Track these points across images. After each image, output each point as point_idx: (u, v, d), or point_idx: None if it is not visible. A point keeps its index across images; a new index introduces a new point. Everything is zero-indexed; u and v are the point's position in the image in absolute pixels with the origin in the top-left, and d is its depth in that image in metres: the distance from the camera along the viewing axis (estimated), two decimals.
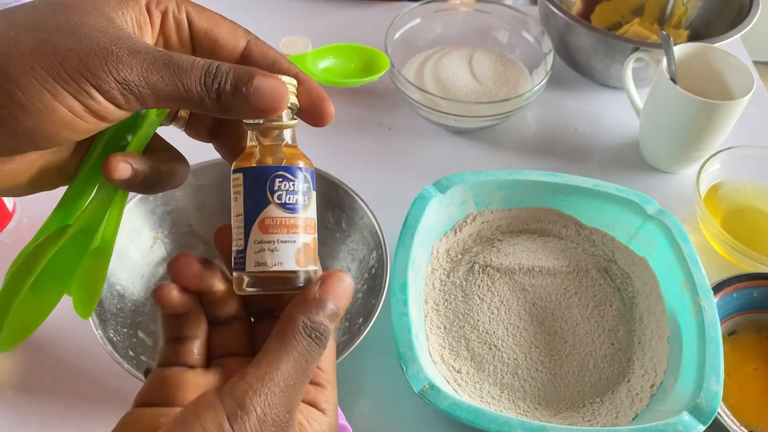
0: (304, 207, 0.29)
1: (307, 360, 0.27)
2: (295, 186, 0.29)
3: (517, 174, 0.62)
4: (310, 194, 0.29)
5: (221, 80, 0.27)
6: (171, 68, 0.26)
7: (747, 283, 0.59)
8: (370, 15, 0.92)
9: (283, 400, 0.26)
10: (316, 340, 0.27)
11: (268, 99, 0.28)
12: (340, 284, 0.28)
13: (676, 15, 0.87)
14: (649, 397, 0.52)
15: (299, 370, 0.27)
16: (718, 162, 0.69)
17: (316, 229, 0.30)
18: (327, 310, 0.28)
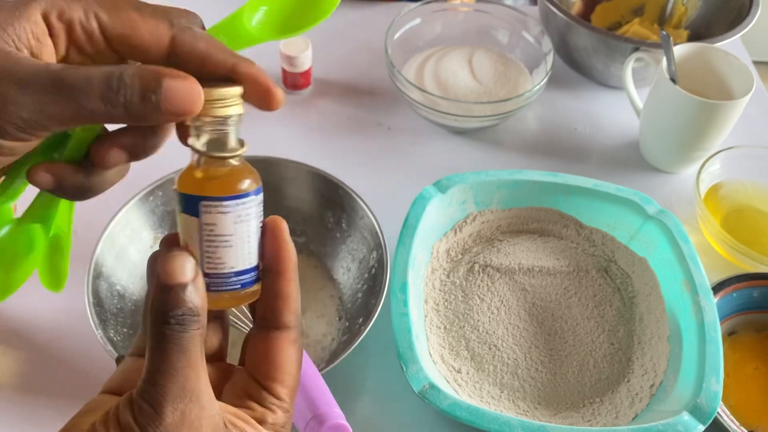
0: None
1: (172, 347, 0.26)
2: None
3: (517, 174, 0.62)
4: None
5: (126, 92, 0.26)
6: (64, 92, 0.25)
7: (747, 283, 0.59)
8: (370, 15, 0.92)
9: (161, 390, 0.25)
10: (168, 323, 0.26)
11: (180, 102, 0.26)
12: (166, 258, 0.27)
13: (676, 15, 0.87)
14: (649, 397, 0.52)
15: (168, 358, 0.26)
16: (718, 162, 0.69)
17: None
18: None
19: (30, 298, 0.59)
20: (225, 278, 0.28)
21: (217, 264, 0.28)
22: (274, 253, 0.29)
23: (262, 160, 0.60)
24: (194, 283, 0.27)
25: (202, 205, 0.27)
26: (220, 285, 0.28)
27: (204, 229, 0.28)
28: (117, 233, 0.55)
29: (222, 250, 0.28)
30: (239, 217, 0.28)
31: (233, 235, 0.28)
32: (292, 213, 0.63)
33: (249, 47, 0.31)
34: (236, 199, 0.28)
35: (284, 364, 0.30)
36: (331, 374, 0.47)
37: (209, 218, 0.28)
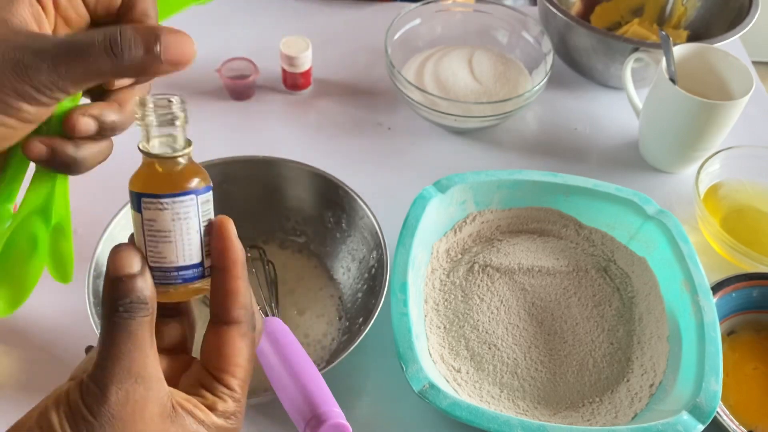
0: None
1: (120, 333, 0.28)
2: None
3: (517, 174, 0.62)
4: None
5: (130, 45, 0.29)
6: (73, 53, 0.29)
7: (746, 283, 0.59)
8: (370, 15, 0.92)
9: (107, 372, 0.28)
10: (118, 310, 0.28)
11: (178, 52, 0.31)
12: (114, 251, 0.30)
13: (676, 15, 0.87)
14: (649, 397, 0.52)
15: (116, 343, 0.28)
16: (718, 162, 0.69)
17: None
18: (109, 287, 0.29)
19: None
20: (167, 272, 0.30)
21: (158, 258, 0.30)
22: (219, 251, 0.31)
23: (262, 160, 0.60)
24: (142, 275, 0.29)
25: (142, 202, 0.30)
26: (163, 278, 0.30)
27: (145, 224, 0.30)
28: (117, 233, 0.55)
29: (162, 245, 0.30)
30: (177, 214, 0.30)
31: (172, 231, 0.30)
32: (292, 213, 0.63)
33: (177, 12, 0.36)
34: (173, 197, 0.29)
35: (233, 356, 0.31)
36: (331, 374, 0.47)
37: (148, 214, 0.30)
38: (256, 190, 0.62)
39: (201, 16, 0.91)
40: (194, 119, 0.42)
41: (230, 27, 0.89)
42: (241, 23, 0.90)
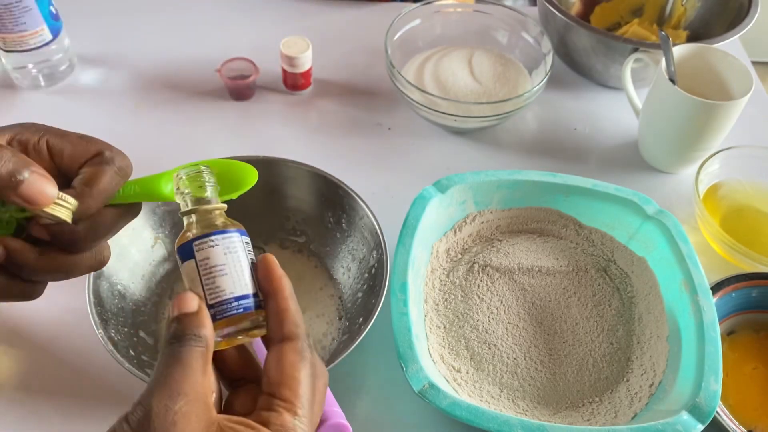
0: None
1: (171, 361, 0.30)
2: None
3: (517, 174, 0.62)
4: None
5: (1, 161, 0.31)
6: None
7: (746, 283, 0.59)
8: (370, 15, 0.93)
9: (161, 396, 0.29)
10: (172, 342, 0.31)
11: (33, 192, 0.32)
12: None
13: (676, 15, 0.88)
14: (648, 397, 0.52)
15: (166, 370, 0.30)
16: (717, 162, 0.69)
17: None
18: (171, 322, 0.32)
19: None
20: (227, 303, 0.33)
21: (217, 292, 0.33)
22: (267, 277, 0.34)
23: (262, 160, 0.60)
24: (198, 313, 0.32)
25: (194, 245, 0.33)
26: (224, 311, 0.33)
27: (200, 265, 0.33)
28: (119, 234, 0.55)
29: (219, 278, 0.33)
30: (227, 248, 0.33)
31: (226, 264, 0.33)
32: (292, 213, 0.63)
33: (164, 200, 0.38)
34: (221, 234, 0.34)
35: (287, 368, 0.32)
36: (331, 374, 0.47)
37: (202, 254, 0.33)
38: (256, 190, 0.61)
39: (201, 16, 0.91)
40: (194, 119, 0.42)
41: (230, 27, 0.89)
42: (241, 23, 0.90)
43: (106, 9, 0.90)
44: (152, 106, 0.78)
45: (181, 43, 0.85)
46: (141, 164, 0.43)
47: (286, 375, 0.32)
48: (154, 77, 0.81)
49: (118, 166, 0.35)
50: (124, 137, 0.73)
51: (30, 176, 0.31)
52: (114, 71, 0.81)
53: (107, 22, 0.88)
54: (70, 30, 0.79)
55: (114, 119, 0.75)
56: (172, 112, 0.77)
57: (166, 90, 0.79)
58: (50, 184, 0.32)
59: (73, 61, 0.80)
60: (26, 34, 0.72)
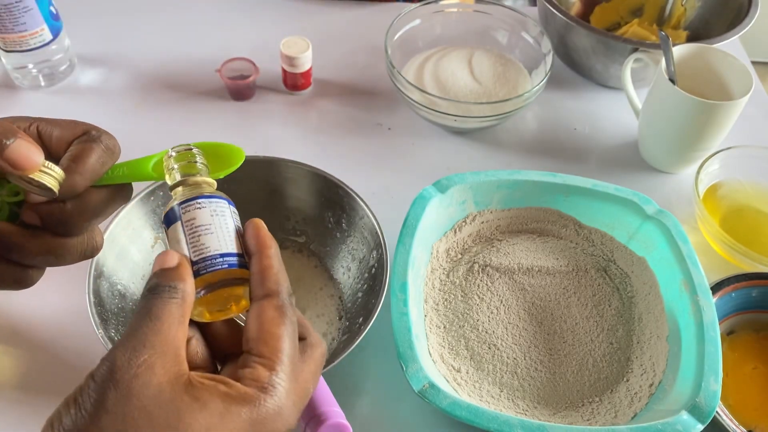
0: None
1: (144, 312, 0.30)
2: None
3: (517, 174, 0.62)
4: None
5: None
6: None
7: (746, 283, 0.59)
8: (370, 15, 0.93)
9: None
10: (146, 294, 0.31)
11: (20, 156, 0.32)
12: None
13: (675, 16, 0.88)
14: (648, 397, 0.52)
15: (137, 321, 0.30)
16: (717, 162, 0.69)
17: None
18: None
19: (31, 298, 0.59)
20: (211, 259, 0.33)
21: (202, 249, 0.33)
22: (253, 238, 0.34)
23: (262, 160, 0.60)
24: (177, 267, 0.31)
25: (180, 208, 0.33)
26: (208, 266, 0.32)
27: (186, 226, 0.33)
28: (118, 233, 0.55)
29: (204, 236, 0.33)
30: (214, 210, 0.34)
31: (212, 224, 0.33)
32: (292, 213, 0.63)
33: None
34: (209, 198, 0.34)
35: (265, 324, 0.31)
36: (331, 374, 0.47)
37: (188, 215, 0.33)
38: (256, 190, 0.62)
39: (201, 16, 0.91)
40: (194, 119, 0.42)
41: (230, 27, 0.89)
42: (242, 23, 0.90)
43: (106, 9, 0.90)
44: (152, 106, 0.78)
45: (181, 43, 0.85)
46: None
47: (263, 330, 0.31)
48: (154, 77, 0.81)
49: (105, 144, 0.35)
50: (125, 137, 0.73)
51: (16, 141, 0.32)
52: (114, 71, 0.81)
53: (107, 22, 0.88)
54: (70, 30, 0.79)
55: (114, 119, 0.75)
56: (172, 112, 0.77)
57: (166, 90, 0.79)
58: (36, 150, 0.33)
59: (73, 61, 0.80)
60: (26, 34, 0.72)
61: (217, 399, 0.28)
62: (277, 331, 0.31)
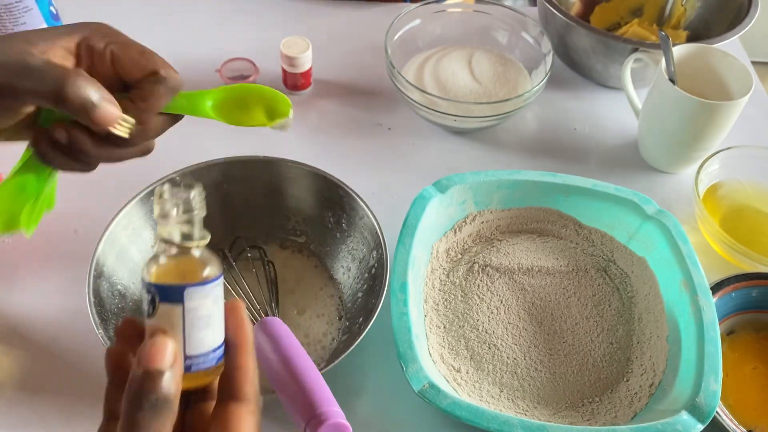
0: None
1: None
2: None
3: (517, 174, 0.62)
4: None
5: (77, 92, 0.35)
6: (27, 73, 0.35)
7: (746, 283, 0.59)
8: (370, 15, 0.93)
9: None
10: (133, 410, 0.28)
11: (104, 117, 0.36)
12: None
13: (675, 16, 0.88)
14: (648, 397, 0.52)
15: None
16: (717, 162, 0.69)
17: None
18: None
19: (31, 297, 0.60)
20: (205, 356, 0.31)
21: (199, 345, 0.30)
22: (235, 329, 0.32)
23: (262, 160, 0.60)
24: (172, 369, 0.28)
25: (186, 292, 0.29)
26: (201, 363, 0.30)
27: (187, 314, 0.29)
28: (118, 233, 0.55)
29: (204, 330, 0.30)
30: (216, 297, 0.30)
31: (212, 316, 0.30)
32: (292, 213, 0.63)
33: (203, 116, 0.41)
34: (215, 282, 0.30)
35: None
36: (331, 374, 0.47)
37: (192, 303, 0.29)
38: (256, 190, 0.62)
39: (201, 16, 0.91)
40: (194, 119, 0.42)
41: (230, 27, 0.89)
42: (242, 24, 0.90)
43: (106, 9, 0.90)
44: None
45: (181, 43, 0.85)
46: (141, 164, 0.43)
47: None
48: None
49: (171, 86, 0.38)
50: None
51: (101, 103, 0.36)
52: None
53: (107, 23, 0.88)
54: None
55: None
56: None
57: None
58: (116, 108, 0.36)
59: None
60: None
61: None
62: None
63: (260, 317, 0.50)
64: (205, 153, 0.61)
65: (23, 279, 0.61)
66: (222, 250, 0.60)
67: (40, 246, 0.63)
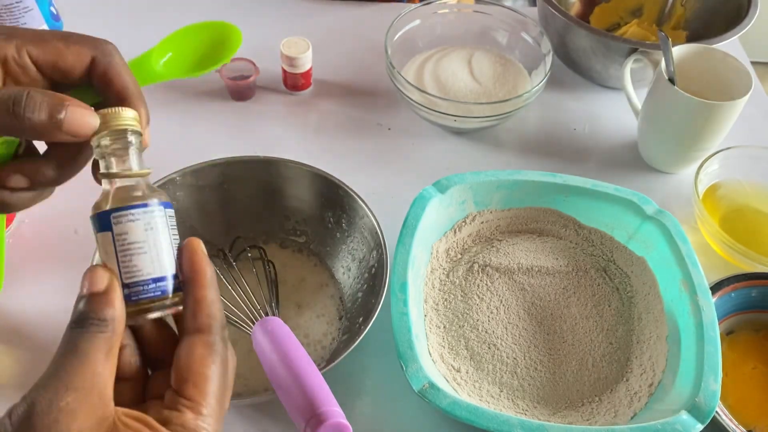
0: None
1: (70, 348, 0.29)
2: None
3: (517, 174, 0.62)
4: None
5: (33, 109, 0.31)
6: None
7: (745, 283, 0.59)
8: (370, 15, 0.93)
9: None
10: (72, 326, 0.29)
11: (78, 125, 0.31)
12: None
13: (675, 16, 0.88)
14: (648, 396, 0.52)
15: (63, 358, 0.29)
16: (717, 162, 0.69)
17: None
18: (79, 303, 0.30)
19: (31, 297, 0.60)
20: (143, 285, 0.31)
21: (134, 272, 0.30)
22: (188, 263, 0.32)
23: (262, 160, 0.60)
24: (108, 293, 0.29)
25: (112, 217, 0.31)
26: (141, 293, 0.31)
27: (117, 240, 0.30)
28: None
29: (137, 257, 0.30)
30: (148, 224, 0.31)
31: (146, 242, 0.31)
32: (292, 213, 0.63)
33: (157, 82, 0.38)
34: (143, 207, 0.31)
35: (195, 364, 0.30)
36: (331, 373, 0.47)
37: (120, 228, 0.31)
38: (256, 190, 0.62)
39: (202, 16, 0.91)
40: (195, 119, 0.42)
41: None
42: (242, 24, 0.89)
43: (106, 9, 0.90)
44: (152, 106, 0.77)
45: None
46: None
47: (193, 372, 0.30)
48: None
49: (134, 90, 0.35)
50: None
51: (68, 111, 0.31)
52: None
53: (107, 23, 0.88)
54: (70, 30, 0.79)
55: None
56: (172, 112, 0.77)
57: (167, 90, 0.79)
58: (88, 112, 0.32)
59: None
60: None
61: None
62: (206, 371, 0.30)
63: (260, 317, 0.50)
64: (205, 153, 0.61)
65: (23, 279, 0.61)
66: (222, 250, 0.60)
67: (40, 246, 0.63)
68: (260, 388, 0.54)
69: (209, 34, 0.37)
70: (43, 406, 0.27)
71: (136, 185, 0.32)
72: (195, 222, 0.61)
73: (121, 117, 0.32)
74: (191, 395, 0.30)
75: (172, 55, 0.36)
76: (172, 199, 0.59)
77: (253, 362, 0.55)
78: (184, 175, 0.58)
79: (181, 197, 0.59)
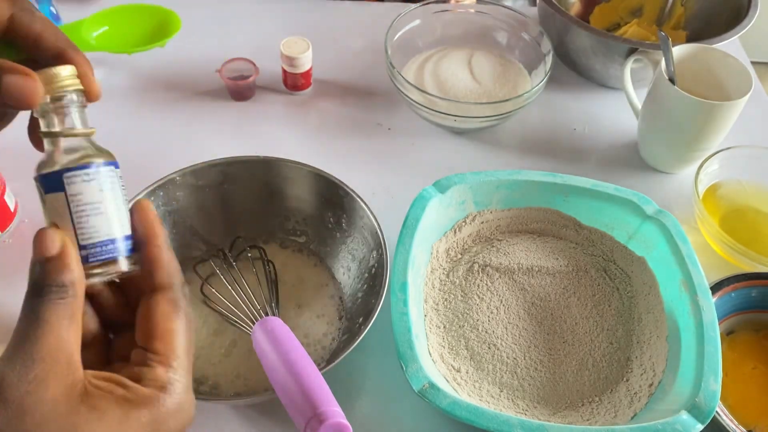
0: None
1: (31, 316, 0.28)
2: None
3: (517, 174, 0.62)
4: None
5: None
6: None
7: (745, 283, 0.59)
8: (370, 15, 0.93)
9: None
10: (31, 295, 0.28)
11: (19, 95, 0.29)
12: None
13: (675, 16, 0.88)
14: (648, 396, 0.52)
15: (25, 328, 0.28)
16: (717, 162, 0.69)
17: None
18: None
19: None
20: (102, 245, 0.30)
21: (91, 233, 0.30)
22: (141, 224, 0.32)
23: (262, 161, 0.60)
24: (63, 257, 0.28)
25: (65, 177, 0.29)
26: (99, 254, 0.30)
27: (71, 201, 0.29)
28: None
29: (94, 218, 0.30)
30: (103, 184, 0.30)
31: (102, 202, 0.30)
32: (293, 213, 0.63)
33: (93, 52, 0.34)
34: (95, 167, 0.30)
35: (159, 320, 0.31)
36: (331, 373, 0.47)
37: (74, 188, 0.29)
38: (256, 190, 0.62)
39: (202, 16, 0.91)
40: (194, 119, 0.42)
41: (231, 28, 0.89)
42: (242, 24, 0.90)
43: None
44: (152, 106, 0.78)
45: (182, 44, 0.85)
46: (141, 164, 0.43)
47: (158, 327, 0.30)
48: (154, 77, 0.81)
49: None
50: (125, 137, 0.73)
51: (6, 80, 0.29)
52: (114, 71, 0.81)
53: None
54: None
55: (114, 119, 0.75)
56: (172, 112, 0.77)
57: (166, 90, 0.79)
58: (30, 79, 0.29)
59: None
60: None
61: (114, 406, 0.28)
62: (172, 326, 0.31)
63: (260, 317, 0.50)
64: (205, 153, 0.61)
65: (23, 279, 0.61)
66: (222, 250, 0.60)
67: None
68: (260, 388, 0.54)
69: (149, 16, 0.36)
70: (13, 379, 0.26)
71: (84, 145, 0.31)
72: (195, 222, 0.61)
73: (60, 77, 0.30)
74: (160, 350, 0.30)
75: (107, 29, 0.35)
76: (173, 199, 0.59)
77: (253, 362, 0.55)
78: (184, 175, 0.58)
79: (181, 197, 0.59)
